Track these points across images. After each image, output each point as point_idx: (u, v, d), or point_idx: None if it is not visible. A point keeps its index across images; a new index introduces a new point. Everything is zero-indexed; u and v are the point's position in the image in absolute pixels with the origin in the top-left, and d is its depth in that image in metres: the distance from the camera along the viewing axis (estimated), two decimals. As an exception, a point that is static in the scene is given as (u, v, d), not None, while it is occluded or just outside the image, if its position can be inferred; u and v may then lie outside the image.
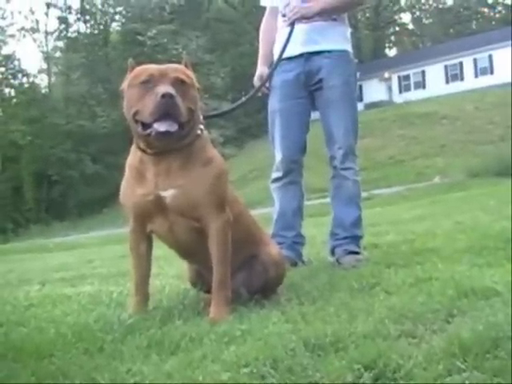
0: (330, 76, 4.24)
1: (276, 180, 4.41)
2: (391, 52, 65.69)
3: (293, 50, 4.26)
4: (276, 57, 4.33)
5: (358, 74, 4.53)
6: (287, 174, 4.35)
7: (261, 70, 4.48)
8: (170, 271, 4.48)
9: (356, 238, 4.27)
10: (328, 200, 4.60)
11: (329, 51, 4.25)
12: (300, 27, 4.23)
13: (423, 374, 1.74)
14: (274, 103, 4.43)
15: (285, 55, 4.27)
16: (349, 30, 4.44)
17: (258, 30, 4.66)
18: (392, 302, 2.60)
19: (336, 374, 1.77)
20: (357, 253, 4.17)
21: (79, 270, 6.05)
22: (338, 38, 4.30)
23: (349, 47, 4.38)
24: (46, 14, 47.98)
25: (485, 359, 1.80)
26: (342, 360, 1.88)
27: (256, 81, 4.41)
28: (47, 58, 49.25)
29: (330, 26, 4.27)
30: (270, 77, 4.33)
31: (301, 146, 4.38)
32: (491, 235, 4.34)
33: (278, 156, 4.36)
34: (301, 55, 4.28)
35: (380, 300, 2.70)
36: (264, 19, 4.64)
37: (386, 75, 45.85)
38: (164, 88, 2.65)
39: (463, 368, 1.75)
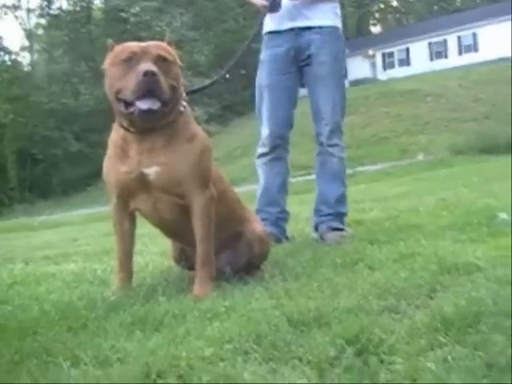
0: (319, 52, 4.22)
1: (262, 155, 4.40)
2: (375, 29, 65.54)
3: (283, 24, 4.24)
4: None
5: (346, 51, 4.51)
6: (273, 149, 4.33)
7: None
8: (154, 248, 4.48)
9: (340, 215, 4.28)
10: (313, 177, 4.60)
11: (319, 27, 4.23)
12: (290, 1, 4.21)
13: (406, 348, 1.75)
14: (262, 78, 4.39)
15: (274, 29, 4.28)
16: (338, 7, 4.40)
17: (241, 6, 4.61)
18: (375, 278, 2.61)
19: (319, 348, 1.78)
20: (341, 229, 4.18)
21: (63, 248, 6.03)
22: (328, 14, 4.27)
23: (339, 23, 4.36)
24: (28, -9, 47.49)
25: (467, 333, 1.81)
26: (325, 335, 1.89)
27: None
28: (29, 35, 48.73)
29: (320, 1, 4.25)
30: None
31: (288, 121, 4.37)
32: (474, 212, 4.37)
33: (265, 131, 4.34)
34: (291, 30, 4.25)
35: (363, 276, 2.72)
36: None
37: (370, 52, 45.79)
38: (146, 66, 2.63)
39: (445, 342, 1.76)
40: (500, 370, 1.54)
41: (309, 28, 4.24)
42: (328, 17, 4.28)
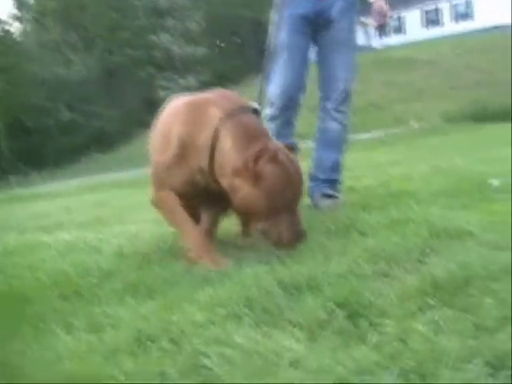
0: (340, 18, 4.16)
1: (272, 119, 4.22)
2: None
3: None
4: None
5: None
6: (284, 111, 4.19)
7: None
8: (148, 216, 4.47)
9: (335, 182, 4.25)
10: (303, 146, 4.57)
11: None
12: None
13: (396, 311, 1.77)
14: (279, 37, 4.27)
15: None
16: None
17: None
18: (367, 243, 2.62)
19: (310, 312, 1.80)
20: (334, 196, 4.18)
21: (57, 218, 6.04)
22: None
23: None
24: (18, -41, 46.85)
25: (456, 296, 1.83)
26: (315, 299, 1.90)
27: None
28: (20, 4, 48.24)
29: None
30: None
31: (302, 84, 4.24)
32: (466, 178, 4.36)
33: (275, 91, 4.19)
34: None
35: (355, 241, 2.73)
36: None
37: (364, 20, 45.46)
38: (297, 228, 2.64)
39: (435, 305, 1.78)
40: (488, 331, 1.56)
41: None
42: None
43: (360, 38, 45.58)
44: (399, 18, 44.83)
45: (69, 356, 1.72)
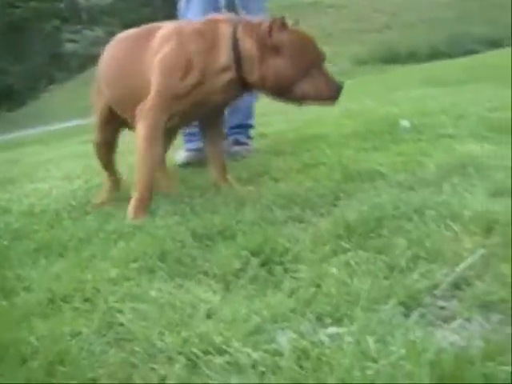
0: None
1: None
2: None
3: None
4: None
5: None
6: None
7: None
8: (57, 173, 4.37)
9: (247, 128, 4.21)
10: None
11: None
12: None
13: (310, 255, 1.78)
14: None
15: None
16: None
17: None
18: (279, 189, 2.63)
19: (224, 261, 1.79)
20: (246, 143, 4.15)
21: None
22: None
23: None
24: None
25: (369, 238, 1.85)
26: (229, 248, 1.90)
27: None
28: None
29: None
30: None
31: None
32: (377, 120, 4.40)
33: None
34: None
35: (268, 187, 2.73)
36: None
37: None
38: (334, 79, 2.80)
39: (348, 248, 1.79)
40: (400, 271, 1.58)
41: None
42: None
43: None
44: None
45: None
